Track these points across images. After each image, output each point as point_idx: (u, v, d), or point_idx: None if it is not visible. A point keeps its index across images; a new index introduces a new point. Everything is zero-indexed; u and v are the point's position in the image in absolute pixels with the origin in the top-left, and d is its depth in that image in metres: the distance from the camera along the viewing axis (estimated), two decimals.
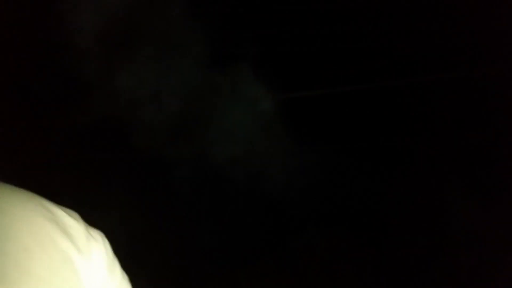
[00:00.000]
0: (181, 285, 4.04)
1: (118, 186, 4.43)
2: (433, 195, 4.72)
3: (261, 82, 5.41)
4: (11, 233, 0.73)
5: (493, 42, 5.16)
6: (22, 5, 5.14)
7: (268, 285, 4.12)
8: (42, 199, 0.85)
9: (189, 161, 5.05)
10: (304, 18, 5.60)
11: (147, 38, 5.32)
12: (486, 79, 5.29)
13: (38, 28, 5.25)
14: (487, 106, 5.19)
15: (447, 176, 4.77)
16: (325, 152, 5.12)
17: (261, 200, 4.87)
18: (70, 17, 4.90)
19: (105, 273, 0.87)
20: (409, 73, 5.56)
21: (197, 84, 5.37)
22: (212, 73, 5.40)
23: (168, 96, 5.23)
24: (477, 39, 5.24)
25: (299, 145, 5.28)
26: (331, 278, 4.18)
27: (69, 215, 0.87)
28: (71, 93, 5.15)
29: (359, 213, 4.67)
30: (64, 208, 0.88)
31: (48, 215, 0.80)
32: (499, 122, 5.07)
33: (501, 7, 4.85)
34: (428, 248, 4.42)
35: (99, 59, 5.01)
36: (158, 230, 4.33)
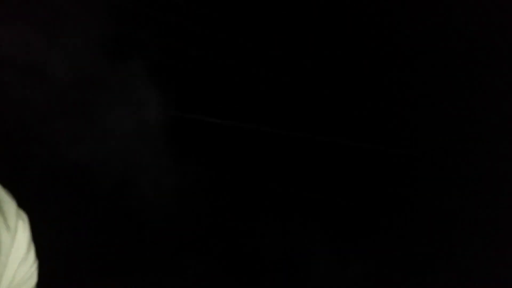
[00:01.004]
0: None
1: None
2: (295, 238, 4.75)
3: (155, 92, 5.12)
4: None
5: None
6: None
7: None
8: None
9: (52, 149, 4.51)
10: (228, 46, 5.43)
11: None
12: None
13: None
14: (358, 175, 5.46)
15: (311, 224, 4.85)
16: (201, 177, 4.93)
17: (124, 211, 4.47)
18: None
19: (24, 252, 0.88)
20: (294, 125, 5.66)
21: (85, 71, 4.91)
22: (103, 64, 4.98)
23: (50, 74, 4.68)
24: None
25: (177, 164, 5.03)
26: None
27: (4, 190, 0.88)
28: None
29: (223, 243, 4.50)
30: None
31: None
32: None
33: None
34: None
35: None
36: None
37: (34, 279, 0.92)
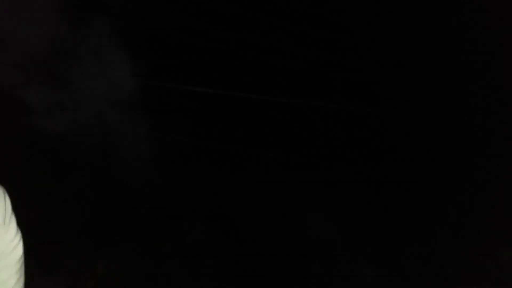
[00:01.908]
0: None
1: None
2: (282, 201, 4.85)
3: (129, 60, 5.06)
4: None
5: None
6: None
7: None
8: None
9: (27, 119, 4.49)
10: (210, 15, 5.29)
11: None
12: None
13: None
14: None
15: (297, 184, 4.93)
16: (180, 144, 4.97)
17: (104, 179, 4.52)
18: None
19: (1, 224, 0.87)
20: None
21: (55, 40, 4.83)
22: (75, 32, 4.91)
23: (21, 45, 4.60)
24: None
25: (154, 132, 5.04)
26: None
27: None
28: None
29: (209, 210, 4.58)
30: None
31: None
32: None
33: None
34: (279, 250, 4.52)
35: None
36: None
37: (18, 252, 0.89)
